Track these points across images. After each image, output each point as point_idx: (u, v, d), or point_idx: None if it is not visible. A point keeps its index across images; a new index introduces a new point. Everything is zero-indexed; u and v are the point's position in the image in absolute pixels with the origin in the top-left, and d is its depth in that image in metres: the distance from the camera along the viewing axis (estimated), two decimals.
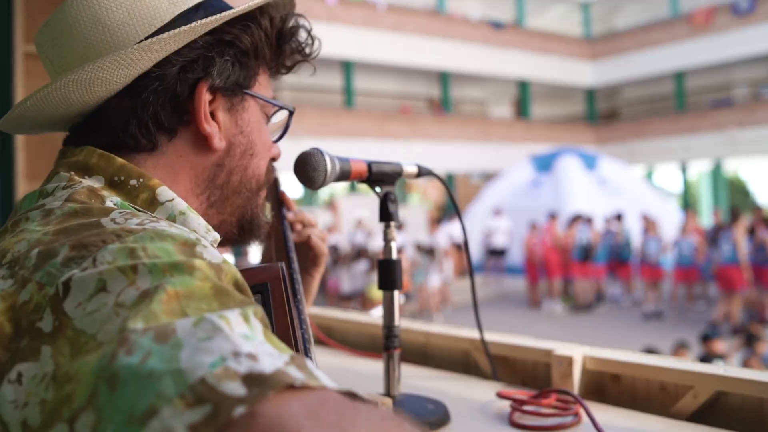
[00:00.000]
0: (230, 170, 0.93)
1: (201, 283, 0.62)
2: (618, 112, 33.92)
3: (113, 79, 0.82)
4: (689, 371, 1.25)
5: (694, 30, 25.82)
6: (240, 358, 0.52)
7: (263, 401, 0.48)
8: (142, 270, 0.62)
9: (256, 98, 0.96)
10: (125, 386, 0.51)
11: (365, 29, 22.80)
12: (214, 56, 0.88)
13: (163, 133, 0.87)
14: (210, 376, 0.50)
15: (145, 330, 0.54)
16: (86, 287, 0.61)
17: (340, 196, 22.67)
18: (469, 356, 1.67)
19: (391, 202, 1.24)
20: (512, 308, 15.36)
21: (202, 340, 0.53)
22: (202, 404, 0.48)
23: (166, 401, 0.49)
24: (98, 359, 0.54)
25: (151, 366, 0.51)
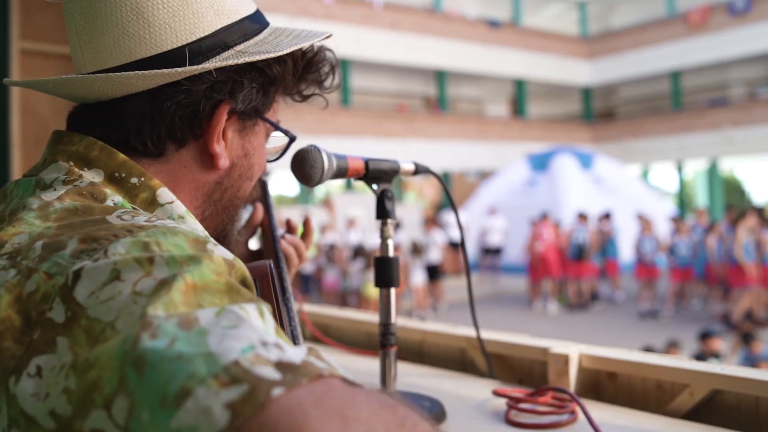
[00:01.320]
0: (226, 188, 0.93)
1: (216, 278, 0.62)
2: (614, 111, 33.96)
3: (143, 85, 0.81)
4: (685, 369, 1.25)
5: (691, 29, 25.87)
6: (268, 346, 0.52)
7: (299, 387, 0.49)
8: (159, 261, 0.62)
9: (267, 123, 0.95)
10: (153, 369, 0.51)
11: (362, 27, 22.80)
12: (244, 81, 0.87)
13: (173, 142, 0.86)
14: (244, 360, 0.50)
15: (167, 316, 0.55)
16: (99, 276, 0.60)
17: (335, 194, 22.66)
18: (465, 354, 1.67)
19: (387, 199, 1.24)
20: (508, 307, 15.37)
21: (227, 328, 0.54)
22: (238, 384, 0.48)
23: (199, 381, 0.49)
24: (120, 344, 0.54)
25: (180, 349, 0.51)
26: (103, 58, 0.83)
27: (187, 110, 0.84)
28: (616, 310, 15.10)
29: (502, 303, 15.85)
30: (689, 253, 14.24)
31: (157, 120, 0.83)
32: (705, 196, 29.54)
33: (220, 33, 0.85)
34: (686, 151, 26.43)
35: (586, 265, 15.44)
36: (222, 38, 0.85)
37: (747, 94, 28.41)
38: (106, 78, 0.80)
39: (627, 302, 15.73)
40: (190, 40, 0.83)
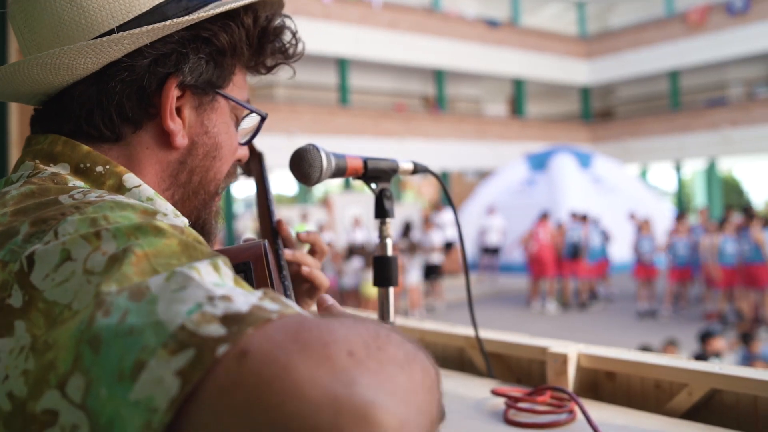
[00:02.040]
0: (192, 169, 0.91)
1: (167, 241, 0.63)
2: (613, 110, 33.97)
3: (80, 66, 0.81)
4: (684, 369, 1.25)
5: (689, 29, 25.88)
6: (215, 301, 0.53)
7: (243, 337, 0.50)
8: (105, 235, 0.62)
9: (228, 99, 0.93)
10: (108, 346, 0.52)
11: (360, 27, 22.79)
12: (189, 52, 0.85)
13: (128, 124, 0.85)
14: (189, 323, 0.51)
15: (119, 291, 0.56)
16: (51, 259, 0.61)
17: (334, 194, 22.66)
18: (463, 353, 1.67)
19: (386, 198, 1.24)
20: (507, 306, 15.38)
21: (175, 291, 0.55)
22: (185, 349, 0.50)
23: (151, 353, 0.50)
24: (76, 325, 0.55)
25: (131, 323, 0.53)
26: (41, 50, 0.83)
27: (133, 88, 0.83)
28: (615, 309, 15.11)
29: (500, 302, 15.86)
30: (687, 253, 14.25)
31: (104, 102, 0.83)
32: (703, 196, 29.57)
33: (159, 8, 0.84)
34: (685, 150, 26.44)
35: (581, 264, 15.46)
36: (162, 13, 0.84)
37: (745, 94, 28.43)
38: (36, 60, 0.80)
39: (625, 302, 15.74)
40: (127, 19, 0.82)
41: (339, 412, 0.46)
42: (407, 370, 0.53)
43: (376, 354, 0.52)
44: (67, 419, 0.53)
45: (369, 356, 0.51)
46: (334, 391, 0.47)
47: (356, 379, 0.48)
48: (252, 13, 0.91)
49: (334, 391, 0.47)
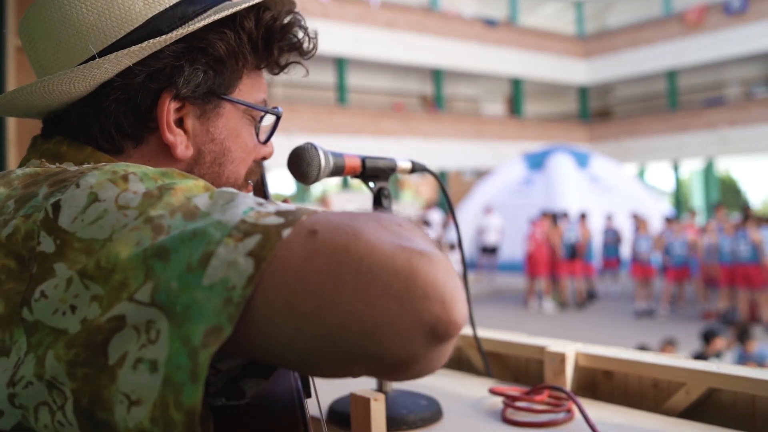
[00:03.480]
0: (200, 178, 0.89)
1: (194, 182, 0.68)
2: (611, 110, 34.00)
3: (72, 89, 0.81)
4: (681, 368, 1.25)
5: (687, 29, 25.90)
6: (265, 205, 0.61)
7: (302, 222, 0.58)
8: (132, 178, 0.66)
9: (236, 103, 0.92)
10: (176, 252, 0.58)
11: (358, 26, 22.78)
12: (183, 65, 0.84)
13: (129, 139, 0.85)
14: (248, 218, 0.58)
15: (171, 213, 0.61)
16: (78, 202, 0.63)
17: (332, 193, 22.67)
18: (461, 352, 1.67)
19: (384, 197, 1.24)
20: (505, 305, 15.38)
21: (225, 203, 0.62)
22: (251, 235, 0.57)
23: (217, 243, 0.57)
24: (135, 245, 0.59)
25: (193, 227, 0.59)
26: (47, 73, 0.84)
27: (128, 106, 0.83)
28: (613, 309, 15.12)
29: (498, 302, 15.87)
30: (684, 252, 14.26)
31: (102, 120, 0.83)
32: (701, 196, 29.59)
33: (153, 21, 0.83)
34: (682, 150, 26.47)
35: (578, 264, 15.47)
36: (156, 26, 0.83)
37: (743, 93, 28.46)
38: (29, 88, 0.81)
39: (623, 301, 15.76)
40: (120, 36, 0.82)
41: (410, 255, 0.56)
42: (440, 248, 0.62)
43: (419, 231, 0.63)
44: (138, 318, 0.56)
45: (413, 229, 0.62)
46: (400, 243, 0.57)
47: (411, 237, 0.59)
48: (254, 16, 0.90)
49: (400, 243, 0.57)
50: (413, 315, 0.55)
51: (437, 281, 0.56)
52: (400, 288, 0.55)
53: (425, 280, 0.56)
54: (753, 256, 12.74)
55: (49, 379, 0.58)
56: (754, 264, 12.68)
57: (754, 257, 12.71)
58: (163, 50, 0.83)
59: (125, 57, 0.80)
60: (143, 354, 0.55)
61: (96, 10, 0.81)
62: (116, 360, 0.55)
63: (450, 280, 0.57)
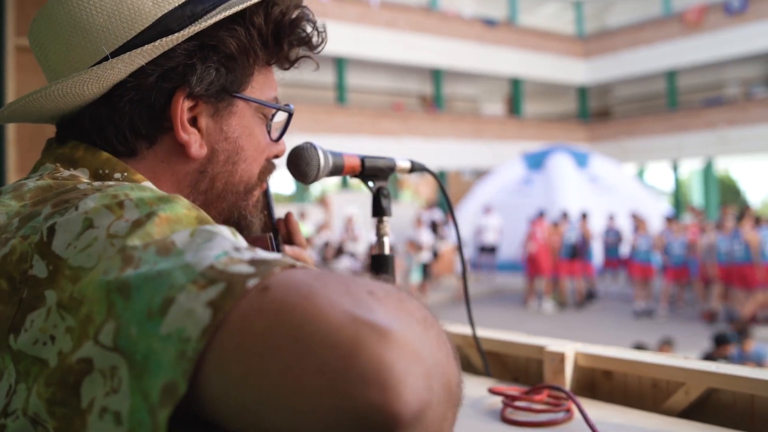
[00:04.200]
0: (213, 176, 0.90)
1: (187, 212, 0.66)
2: (610, 110, 34.01)
3: (85, 92, 0.81)
4: (681, 368, 1.25)
5: (687, 29, 25.91)
6: (241, 251, 0.57)
7: (272, 275, 0.54)
8: (128, 204, 0.64)
9: (248, 101, 0.91)
10: (138, 290, 0.55)
11: (358, 26, 22.78)
12: (195, 63, 0.84)
13: (142, 139, 0.85)
14: (218, 263, 0.55)
15: (145, 246, 0.59)
16: (73, 228, 0.63)
17: (331, 193, 22.66)
18: (460, 352, 1.67)
19: (384, 197, 1.24)
20: (504, 305, 15.39)
21: (201, 243, 0.58)
22: (215, 284, 0.53)
23: (179, 289, 0.53)
24: (101, 275, 0.57)
25: (160, 267, 0.56)
26: (59, 77, 0.84)
27: (142, 106, 0.83)
28: (612, 309, 15.12)
29: (498, 301, 15.87)
30: (683, 252, 14.26)
31: (117, 121, 0.83)
32: (700, 196, 29.60)
33: (162, 21, 0.82)
34: (682, 150, 26.47)
35: (578, 264, 15.47)
36: (166, 25, 0.82)
37: (742, 93, 28.46)
38: (41, 93, 0.81)
39: (622, 301, 15.76)
40: (130, 36, 0.81)
41: (358, 330, 0.49)
42: (423, 327, 0.56)
43: (397, 301, 0.55)
44: (104, 363, 0.54)
45: (389, 299, 0.54)
46: (353, 313, 0.50)
47: (375, 307, 0.52)
48: (263, 12, 0.90)
49: (354, 313, 0.50)
50: (344, 400, 0.48)
51: (383, 362, 0.48)
52: (337, 366, 0.48)
53: (368, 360, 0.48)
54: (746, 256, 12.77)
55: (32, 416, 0.57)
56: (748, 264, 12.72)
57: (747, 258, 12.75)
58: (175, 49, 0.82)
59: (138, 56, 0.79)
60: (108, 403, 0.53)
61: (105, 12, 0.81)
62: (87, 404, 0.54)
63: (403, 362, 0.49)
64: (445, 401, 0.54)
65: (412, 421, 0.49)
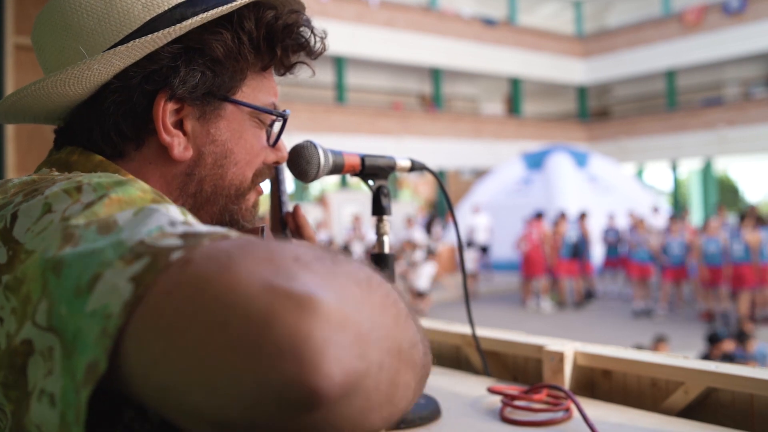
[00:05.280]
0: (201, 179, 0.90)
1: (141, 194, 0.65)
2: (609, 110, 34.02)
3: (69, 92, 0.81)
4: (680, 367, 1.25)
5: (686, 29, 25.92)
6: (176, 225, 0.56)
7: (199, 247, 0.51)
8: (86, 188, 0.64)
9: (238, 104, 0.91)
10: (70, 267, 0.54)
11: (357, 25, 22.77)
12: (179, 66, 0.84)
13: (129, 141, 0.85)
14: (148, 238, 0.54)
15: (87, 224, 0.58)
16: (33, 212, 0.63)
17: (331, 192, 22.65)
18: (460, 351, 1.67)
19: (383, 195, 1.24)
20: (501, 305, 15.39)
21: (141, 219, 0.57)
22: (141, 258, 0.51)
23: (107, 265, 0.52)
24: (41, 253, 0.57)
25: (94, 245, 0.55)
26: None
27: (126, 107, 0.83)
28: (610, 308, 15.13)
29: (496, 301, 15.87)
30: (682, 253, 14.26)
31: (102, 123, 0.84)
32: (699, 196, 29.62)
33: (151, 24, 0.83)
34: (681, 150, 26.49)
35: (578, 264, 15.47)
36: (153, 27, 0.82)
37: (741, 93, 28.49)
38: (26, 91, 0.82)
39: (621, 301, 15.77)
40: (117, 40, 0.82)
41: (274, 300, 0.46)
42: (364, 288, 0.53)
43: (329, 265, 0.52)
44: (42, 344, 0.53)
45: (319, 264, 0.51)
46: (271, 282, 0.47)
47: (298, 275, 0.48)
48: (254, 16, 0.89)
49: (272, 282, 0.47)
50: (259, 376, 0.45)
51: (299, 333, 0.45)
52: (250, 339, 0.45)
53: (282, 331, 0.45)
54: (746, 256, 12.80)
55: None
56: (747, 264, 12.75)
57: (747, 258, 12.77)
58: (160, 52, 0.82)
59: (114, 57, 0.80)
60: (45, 385, 0.52)
61: (96, 15, 0.82)
62: (31, 387, 0.53)
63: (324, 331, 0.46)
64: (392, 366, 0.52)
65: (341, 393, 0.46)
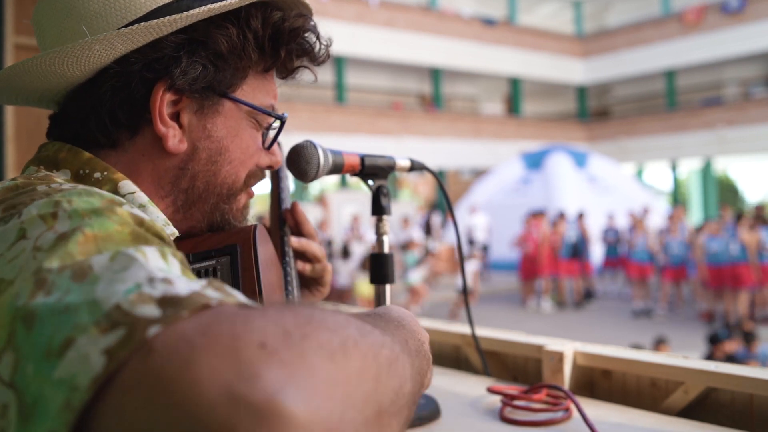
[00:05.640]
0: (194, 175, 0.89)
1: (119, 227, 0.62)
2: (609, 110, 34.02)
3: (67, 72, 0.80)
4: (680, 367, 1.25)
5: (685, 28, 25.92)
6: (155, 283, 0.52)
7: (178, 321, 0.48)
8: (61, 216, 0.62)
9: (238, 103, 0.90)
10: (42, 323, 0.51)
11: (357, 25, 22.77)
12: (181, 56, 0.83)
13: (123, 130, 0.84)
14: (125, 302, 0.50)
15: (61, 269, 0.55)
16: (8, 237, 0.61)
17: (330, 192, 22.64)
18: (459, 351, 1.67)
19: (383, 195, 1.24)
20: (500, 305, 15.38)
21: (117, 271, 0.54)
22: (117, 328, 0.48)
23: (82, 330, 0.49)
24: (12, 298, 0.54)
25: (68, 300, 0.52)
26: None
27: (123, 94, 0.82)
28: (610, 308, 15.13)
29: (496, 301, 15.86)
30: (682, 252, 14.27)
31: (98, 109, 0.83)
32: (699, 196, 29.62)
33: (157, 12, 0.82)
34: (680, 150, 26.49)
35: (578, 263, 15.47)
36: (159, 16, 0.82)
37: (741, 93, 28.49)
38: (22, 66, 0.80)
39: (621, 301, 15.77)
40: (122, 24, 0.81)
41: (234, 411, 0.42)
42: (339, 359, 0.49)
43: (298, 343, 0.48)
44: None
45: (286, 346, 0.47)
46: (232, 387, 0.43)
47: (261, 372, 0.45)
48: (261, 15, 0.89)
49: (233, 387, 0.43)
50: None
51: None
52: None
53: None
54: (742, 256, 12.82)
55: None
56: (743, 264, 12.77)
57: (743, 258, 12.79)
58: (163, 40, 0.82)
59: (116, 39, 0.79)
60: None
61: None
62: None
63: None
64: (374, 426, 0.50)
65: None
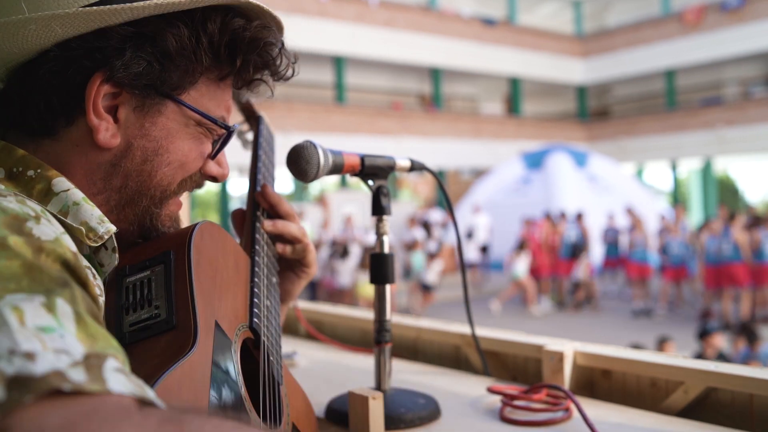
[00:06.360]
0: (127, 173, 0.85)
1: (8, 262, 0.57)
2: (609, 109, 34.02)
3: (3, 47, 0.78)
4: (680, 367, 1.25)
5: (685, 28, 25.92)
6: (14, 357, 0.48)
7: (19, 409, 0.44)
8: None
9: (182, 105, 0.86)
10: None
11: (357, 25, 22.76)
12: (126, 49, 0.80)
13: (58, 118, 0.82)
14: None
15: None
16: None
17: (330, 192, 22.63)
18: (459, 351, 1.67)
19: (383, 195, 1.24)
20: (502, 304, 15.38)
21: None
22: None
23: None
24: None
25: None
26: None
27: (60, 80, 0.80)
28: (610, 308, 15.13)
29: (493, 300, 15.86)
30: (682, 252, 14.27)
31: (35, 92, 0.81)
32: (699, 195, 29.63)
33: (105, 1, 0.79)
34: (680, 150, 26.49)
35: (577, 263, 15.48)
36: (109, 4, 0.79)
37: (741, 93, 28.50)
38: None
39: (620, 301, 15.77)
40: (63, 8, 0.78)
41: None
42: None
43: None
44: None
45: None
46: None
47: None
48: (220, 20, 0.85)
49: None
50: None
51: None
52: None
53: None
54: (735, 255, 12.84)
55: None
56: (737, 263, 12.79)
57: (736, 257, 12.82)
58: (109, 31, 0.79)
59: (53, 20, 0.76)
60: None
61: None
62: None
63: None
64: None
65: None
